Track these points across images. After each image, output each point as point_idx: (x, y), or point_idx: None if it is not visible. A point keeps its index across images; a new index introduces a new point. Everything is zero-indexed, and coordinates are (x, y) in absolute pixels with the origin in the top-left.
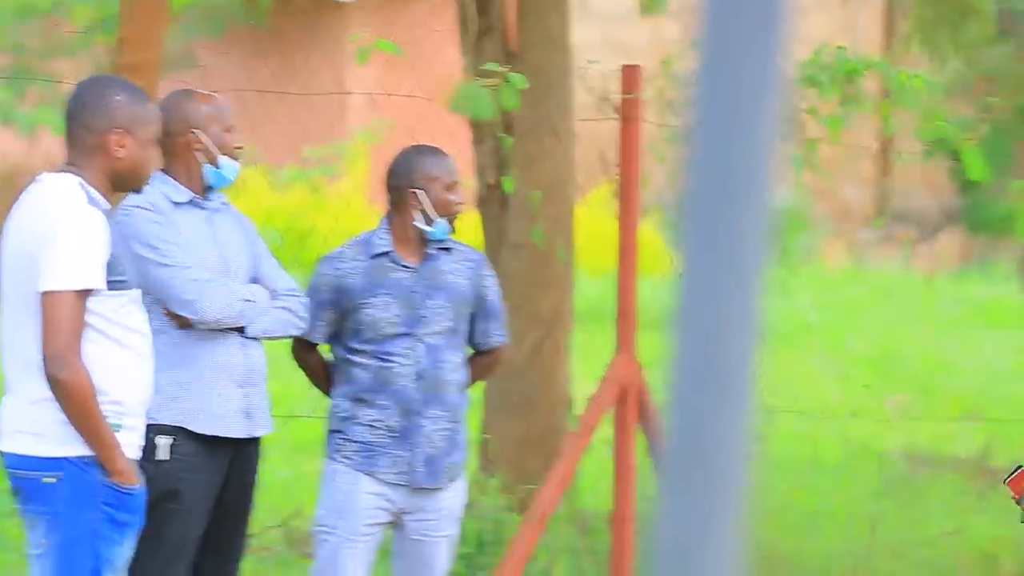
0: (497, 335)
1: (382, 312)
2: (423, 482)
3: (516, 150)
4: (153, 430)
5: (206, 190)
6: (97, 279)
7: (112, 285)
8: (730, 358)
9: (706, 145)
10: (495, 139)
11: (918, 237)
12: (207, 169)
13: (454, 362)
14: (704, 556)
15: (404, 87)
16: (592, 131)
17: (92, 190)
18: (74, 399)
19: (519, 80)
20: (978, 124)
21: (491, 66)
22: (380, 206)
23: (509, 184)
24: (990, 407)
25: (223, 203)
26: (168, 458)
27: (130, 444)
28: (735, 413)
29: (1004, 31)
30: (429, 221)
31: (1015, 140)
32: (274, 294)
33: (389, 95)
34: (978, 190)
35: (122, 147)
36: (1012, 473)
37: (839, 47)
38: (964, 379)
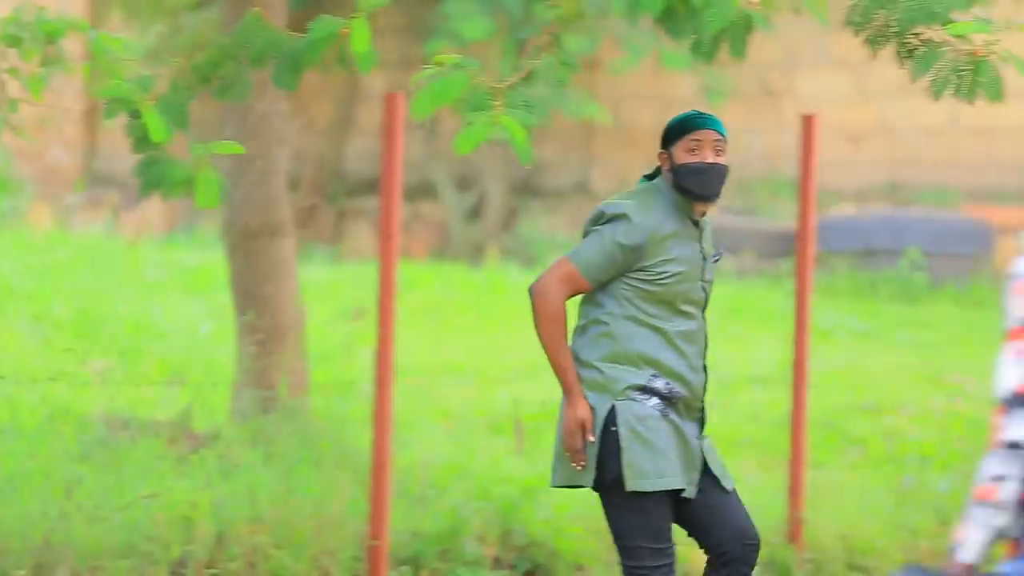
0: None
1: None
2: None
3: None
4: None
5: None
6: None
7: None
8: None
9: None
10: None
11: (124, 202)
12: None
13: None
14: None
15: None
16: None
17: None
18: None
19: None
20: (157, 83)
21: None
22: None
23: None
24: (191, 371)
25: None
26: None
27: None
28: None
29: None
30: None
31: (191, 99)
32: None
33: None
34: (153, 150)
35: None
36: None
37: (40, 7)
38: (167, 343)
